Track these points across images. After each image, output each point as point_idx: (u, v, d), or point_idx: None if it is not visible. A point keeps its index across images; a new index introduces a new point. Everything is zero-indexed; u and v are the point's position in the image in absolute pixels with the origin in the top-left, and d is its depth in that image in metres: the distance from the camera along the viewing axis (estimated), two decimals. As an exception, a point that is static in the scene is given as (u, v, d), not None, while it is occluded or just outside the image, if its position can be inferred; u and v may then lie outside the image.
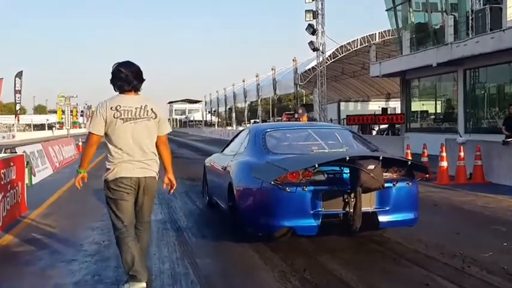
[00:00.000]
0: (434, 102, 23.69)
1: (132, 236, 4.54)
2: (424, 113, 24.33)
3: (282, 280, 4.79)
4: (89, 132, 4.51)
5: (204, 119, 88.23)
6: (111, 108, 4.44)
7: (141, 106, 4.51)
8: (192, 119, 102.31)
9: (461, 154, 11.72)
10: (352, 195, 5.40)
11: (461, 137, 14.27)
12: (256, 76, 51.03)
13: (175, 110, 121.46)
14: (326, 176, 5.54)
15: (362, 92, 48.14)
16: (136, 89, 4.57)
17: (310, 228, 5.52)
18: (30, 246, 6.30)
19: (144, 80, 4.60)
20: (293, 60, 38.20)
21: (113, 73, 4.53)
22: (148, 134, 4.54)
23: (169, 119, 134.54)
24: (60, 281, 4.94)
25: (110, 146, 4.50)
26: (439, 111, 23.55)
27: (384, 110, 29.63)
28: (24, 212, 8.47)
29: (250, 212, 5.99)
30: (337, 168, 5.53)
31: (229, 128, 61.88)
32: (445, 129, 21.30)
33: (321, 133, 7.11)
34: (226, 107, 70.84)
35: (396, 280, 4.76)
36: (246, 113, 63.78)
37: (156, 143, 4.63)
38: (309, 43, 27.92)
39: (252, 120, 62.30)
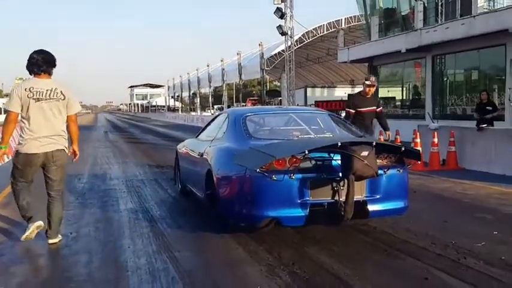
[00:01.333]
0: (401, 88, 23.71)
1: (26, 188, 5.44)
2: (391, 100, 24.33)
3: (271, 275, 4.43)
4: (8, 111, 5.18)
5: (167, 104, 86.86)
6: (25, 89, 5.14)
7: (52, 88, 5.25)
8: (154, 104, 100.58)
9: (435, 140, 11.64)
10: (342, 183, 5.08)
11: (433, 123, 14.20)
12: (221, 61, 50.37)
13: (136, 94, 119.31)
14: (314, 163, 5.16)
15: (326, 78, 48.15)
16: (48, 73, 5.33)
17: (297, 219, 5.15)
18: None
19: (55, 65, 5.35)
20: (259, 44, 37.70)
21: (27, 59, 5.29)
22: (57, 113, 5.27)
23: (130, 104, 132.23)
24: (24, 279, 4.44)
25: (23, 123, 5.23)
26: (406, 97, 23.59)
27: (350, 96, 29.59)
28: (-19, 201, 7.84)
29: (232, 201, 5.54)
30: (326, 155, 5.16)
31: (193, 113, 61.10)
32: (413, 115, 21.37)
33: (303, 117, 6.74)
34: (190, 92, 69.87)
35: (392, 274, 4.46)
36: (210, 98, 63.05)
37: (67, 121, 5.41)
38: (277, 27, 27.54)
39: (215, 106, 61.71)
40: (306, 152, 4.90)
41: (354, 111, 8.76)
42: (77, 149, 5.63)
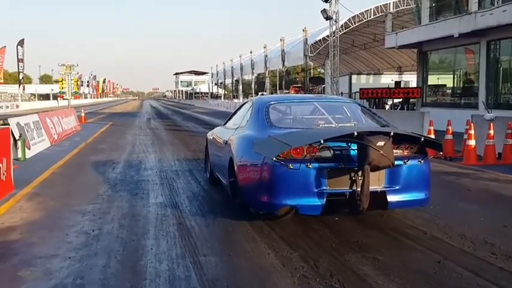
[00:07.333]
0: (452, 75, 22.47)
1: None
2: (441, 87, 23.13)
3: (305, 290, 3.88)
4: None
5: (211, 91, 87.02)
6: None
7: None
8: (198, 90, 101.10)
9: (491, 132, 10.72)
10: (360, 173, 4.92)
11: (489, 113, 13.19)
12: (264, 47, 49.76)
13: (181, 81, 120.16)
14: (332, 152, 5.09)
15: (372, 65, 46.74)
16: None
17: (313, 208, 5.11)
18: (8, 235, 5.41)
19: None
20: (303, 30, 36.88)
21: None
22: None
23: (175, 91, 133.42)
24: (32, 285, 4.04)
25: None
26: (457, 85, 22.36)
27: (397, 83, 28.45)
28: (10, 191, 7.58)
29: (251, 189, 5.53)
30: (344, 145, 5.06)
31: (235, 100, 60.75)
32: (464, 104, 20.20)
33: (327, 107, 6.65)
34: (233, 79, 69.64)
35: (447, 293, 3.83)
36: (253, 85, 62.59)
37: None
38: (321, 11, 26.65)
39: (259, 93, 61.22)
40: (322, 142, 4.83)
41: None
42: None
